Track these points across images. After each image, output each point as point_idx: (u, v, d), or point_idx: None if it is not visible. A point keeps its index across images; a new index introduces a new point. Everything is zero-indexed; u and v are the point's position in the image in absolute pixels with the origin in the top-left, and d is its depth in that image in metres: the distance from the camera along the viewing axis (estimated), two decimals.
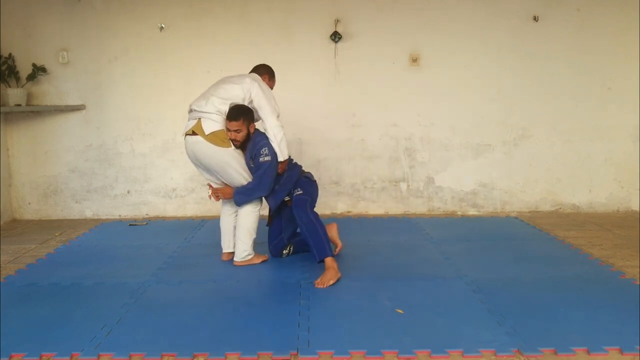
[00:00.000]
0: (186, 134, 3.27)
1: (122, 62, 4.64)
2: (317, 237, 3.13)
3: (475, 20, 4.60)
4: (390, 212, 4.83)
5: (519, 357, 2.22)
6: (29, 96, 4.60)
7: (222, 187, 3.37)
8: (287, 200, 3.40)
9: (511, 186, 4.80)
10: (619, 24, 4.58)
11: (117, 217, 4.80)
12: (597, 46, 4.61)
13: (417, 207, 4.83)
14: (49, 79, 4.64)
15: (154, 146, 4.75)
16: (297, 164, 3.54)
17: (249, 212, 3.34)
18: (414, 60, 4.64)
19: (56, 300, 2.87)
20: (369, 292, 2.92)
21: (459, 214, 4.81)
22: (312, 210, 3.26)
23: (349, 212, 4.84)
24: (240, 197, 3.30)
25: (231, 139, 3.20)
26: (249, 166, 3.28)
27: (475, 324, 2.50)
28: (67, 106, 4.64)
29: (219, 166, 3.23)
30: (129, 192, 4.80)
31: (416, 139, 4.75)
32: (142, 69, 4.64)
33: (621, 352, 2.25)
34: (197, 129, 3.19)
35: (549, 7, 4.58)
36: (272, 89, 3.53)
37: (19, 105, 4.45)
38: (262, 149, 3.21)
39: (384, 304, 2.75)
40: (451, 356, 2.24)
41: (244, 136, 3.22)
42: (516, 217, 4.63)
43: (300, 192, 3.32)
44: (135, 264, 3.48)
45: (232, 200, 3.38)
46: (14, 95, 4.44)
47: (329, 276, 3.02)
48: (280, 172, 3.33)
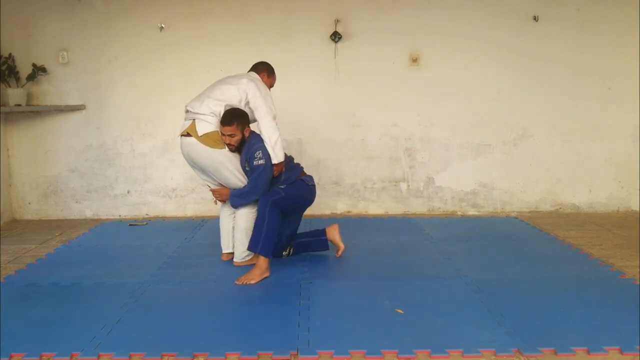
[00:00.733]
0: (181, 135, 3.27)
1: (122, 62, 4.64)
2: (258, 230, 3.14)
3: (475, 20, 4.60)
4: (390, 212, 4.83)
5: (519, 357, 2.22)
6: (29, 96, 4.60)
7: (219, 188, 3.37)
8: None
9: (511, 186, 4.80)
10: (619, 24, 4.58)
11: (117, 217, 4.80)
12: (597, 46, 4.61)
13: (417, 207, 4.83)
14: (49, 79, 4.64)
15: (154, 146, 4.75)
16: (297, 165, 3.52)
17: (246, 213, 3.34)
18: (414, 60, 4.64)
19: (56, 300, 2.87)
20: (369, 292, 2.92)
21: (459, 214, 4.81)
22: (276, 206, 3.17)
23: (349, 212, 4.84)
24: (235, 200, 3.30)
25: (226, 144, 3.20)
26: (244, 169, 3.28)
27: (475, 324, 2.50)
28: (67, 106, 4.64)
29: (213, 167, 3.24)
30: (129, 192, 4.80)
31: (416, 139, 4.75)
32: (142, 69, 4.64)
33: (621, 352, 2.25)
34: (191, 130, 3.19)
35: (549, 7, 4.58)
36: (272, 86, 3.53)
37: (19, 105, 4.45)
38: (256, 152, 3.18)
39: (384, 304, 2.75)
40: (451, 356, 2.24)
41: (238, 140, 3.20)
42: (516, 217, 4.63)
43: (283, 186, 3.28)
44: (135, 264, 3.48)
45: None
46: (14, 95, 4.44)
47: (251, 275, 3.10)
48: (276, 175, 3.31)
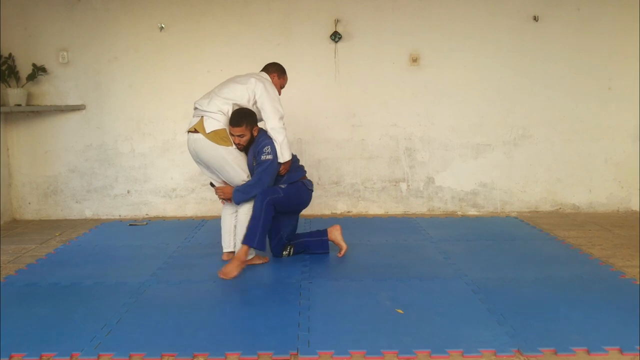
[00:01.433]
0: (188, 131, 3.29)
1: (122, 62, 4.64)
2: (253, 225, 3.18)
3: (475, 20, 4.60)
4: (390, 212, 4.83)
5: (519, 357, 2.22)
6: (29, 96, 4.60)
7: (222, 186, 3.38)
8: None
9: (511, 186, 4.80)
10: (619, 24, 4.58)
11: (117, 217, 4.80)
12: (597, 46, 4.61)
13: (417, 207, 4.83)
14: (49, 79, 4.64)
15: (154, 146, 4.75)
16: (301, 167, 3.55)
17: (248, 210, 3.34)
18: (414, 60, 4.64)
19: (56, 300, 2.87)
20: (369, 292, 2.92)
21: (459, 214, 4.81)
22: (272, 204, 3.20)
23: (349, 212, 4.84)
24: (238, 195, 3.31)
25: (235, 144, 3.24)
26: (251, 166, 3.29)
27: (475, 324, 2.50)
28: (67, 106, 4.64)
29: (219, 164, 3.26)
30: (129, 192, 4.80)
31: (416, 138, 4.75)
32: (142, 69, 4.64)
33: (621, 352, 2.25)
34: (199, 127, 3.23)
35: (549, 7, 4.58)
36: (283, 87, 3.60)
37: (19, 105, 4.46)
38: (264, 147, 3.24)
39: (384, 304, 2.75)
40: (451, 356, 2.24)
41: (247, 140, 3.26)
42: (516, 217, 4.63)
43: (283, 186, 3.32)
44: (135, 264, 3.48)
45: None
46: (14, 95, 4.44)
47: (230, 268, 3.14)
48: (282, 173, 3.34)
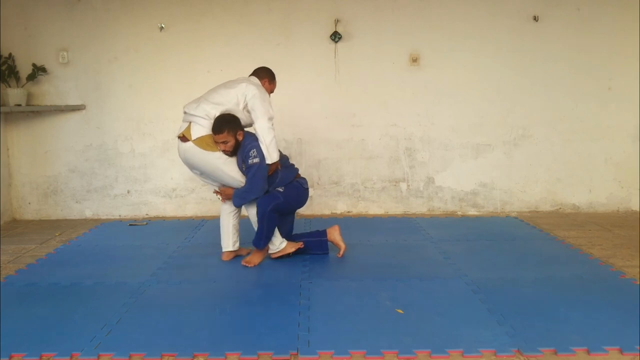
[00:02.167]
0: (178, 137, 3.29)
1: (122, 62, 4.64)
2: (259, 228, 3.34)
3: (475, 20, 4.60)
4: (390, 212, 4.83)
5: (519, 357, 2.22)
6: (29, 96, 4.60)
7: (223, 188, 3.39)
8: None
9: (511, 186, 4.80)
10: (619, 24, 4.58)
11: (117, 217, 4.80)
12: (597, 46, 4.61)
13: (417, 207, 4.83)
14: (49, 79, 4.64)
15: (154, 146, 4.75)
16: (293, 166, 3.56)
17: (253, 208, 3.38)
18: (414, 60, 4.64)
19: (56, 300, 2.87)
20: (369, 292, 2.92)
21: (459, 214, 4.81)
22: (275, 209, 3.28)
23: (349, 212, 4.84)
24: (237, 200, 3.34)
25: (222, 150, 3.21)
26: (241, 169, 3.29)
27: (475, 324, 2.50)
28: (67, 106, 4.64)
29: (210, 170, 3.27)
30: (129, 192, 4.80)
31: (416, 138, 4.75)
32: (142, 69, 4.64)
33: (621, 352, 2.25)
34: (187, 133, 3.22)
35: (549, 7, 4.58)
36: (272, 92, 3.55)
37: (19, 105, 4.46)
38: (250, 151, 3.22)
39: (384, 304, 2.75)
40: (451, 356, 2.24)
41: (232, 145, 3.22)
42: (516, 217, 4.63)
43: (281, 189, 3.37)
44: (135, 264, 3.48)
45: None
46: (14, 95, 4.44)
47: (250, 259, 3.38)
48: (270, 173, 3.32)
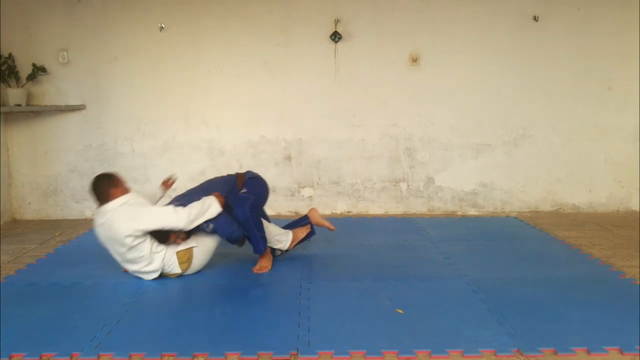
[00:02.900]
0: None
1: (122, 62, 4.64)
2: (252, 234, 3.26)
3: (475, 20, 4.60)
4: (390, 212, 4.83)
5: (519, 357, 2.22)
6: (29, 96, 4.60)
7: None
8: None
9: (511, 186, 4.80)
10: (619, 24, 4.58)
11: None
12: (597, 46, 4.61)
13: (417, 207, 4.83)
14: (49, 79, 4.64)
15: (154, 146, 4.75)
16: (228, 181, 3.43)
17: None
18: (414, 60, 4.64)
19: (56, 300, 2.87)
20: (369, 292, 2.92)
21: (459, 214, 4.81)
22: (252, 208, 3.24)
23: (349, 212, 4.84)
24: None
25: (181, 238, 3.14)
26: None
27: (475, 324, 2.50)
28: (67, 106, 4.64)
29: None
30: None
31: (416, 138, 4.75)
32: (142, 69, 4.64)
33: (621, 352, 2.25)
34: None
35: (549, 7, 4.58)
36: (125, 189, 3.12)
37: (19, 105, 4.45)
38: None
39: (384, 304, 2.75)
40: (451, 356, 2.24)
41: (183, 234, 3.14)
42: (516, 217, 4.63)
43: (244, 190, 3.35)
44: None
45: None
46: (14, 95, 4.44)
47: (260, 265, 3.30)
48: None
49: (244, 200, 3.26)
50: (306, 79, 4.65)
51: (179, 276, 3.16)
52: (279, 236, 3.46)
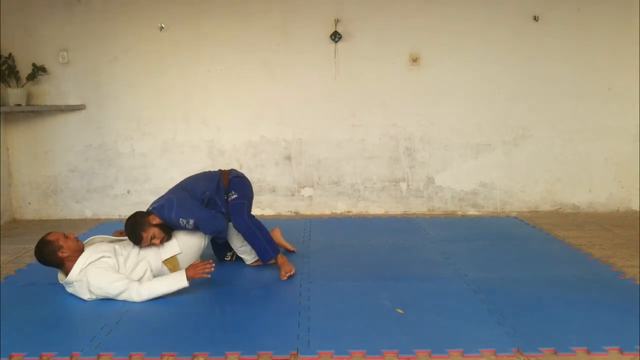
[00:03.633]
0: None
1: (122, 62, 4.64)
2: (257, 241, 3.16)
3: (475, 20, 4.60)
4: (390, 212, 4.83)
5: (519, 357, 2.22)
6: (29, 96, 4.60)
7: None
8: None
9: (511, 186, 4.80)
10: (619, 24, 4.58)
11: (117, 217, 4.79)
12: (597, 46, 4.61)
13: (417, 207, 4.82)
14: (49, 79, 4.64)
15: (154, 146, 4.75)
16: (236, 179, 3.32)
17: (234, 234, 3.29)
18: (414, 60, 4.63)
19: (56, 299, 2.87)
20: (369, 292, 2.92)
21: (459, 213, 4.81)
22: (249, 214, 3.19)
23: (349, 212, 4.84)
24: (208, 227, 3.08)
25: (159, 240, 3.01)
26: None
27: (475, 324, 2.50)
28: (67, 106, 4.64)
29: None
30: (129, 192, 4.80)
31: (416, 138, 4.75)
32: (142, 69, 4.64)
33: (621, 352, 2.25)
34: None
35: (549, 7, 4.57)
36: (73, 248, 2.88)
37: (19, 105, 4.45)
38: (179, 221, 3.00)
39: (384, 304, 2.75)
40: (451, 356, 2.24)
41: (160, 232, 3.00)
42: (516, 217, 4.63)
43: (235, 195, 3.20)
44: None
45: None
46: (14, 95, 4.44)
47: (285, 270, 3.13)
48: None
49: (239, 207, 3.16)
50: (306, 79, 4.65)
51: None
52: (244, 247, 3.30)
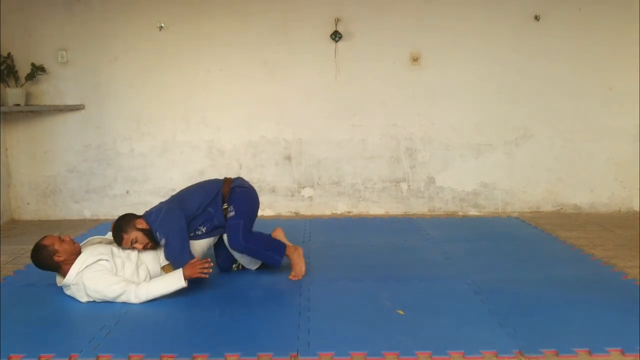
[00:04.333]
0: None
1: (122, 62, 4.63)
2: (260, 255, 3.11)
3: (476, 19, 4.59)
4: (390, 213, 4.82)
5: (520, 358, 2.21)
6: (28, 96, 4.59)
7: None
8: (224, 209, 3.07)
9: (512, 186, 4.78)
10: (620, 24, 4.57)
11: (116, 218, 4.77)
12: (598, 46, 4.60)
13: (418, 207, 4.81)
14: (48, 79, 4.63)
15: (153, 146, 4.74)
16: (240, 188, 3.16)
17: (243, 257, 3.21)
18: (415, 59, 4.62)
19: (55, 300, 2.85)
20: (370, 292, 2.91)
21: (460, 214, 4.80)
22: (246, 233, 3.02)
23: (349, 212, 4.83)
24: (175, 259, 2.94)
25: (142, 246, 2.95)
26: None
27: (476, 325, 2.49)
28: (66, 106, 4.63)
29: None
30: (128, 192, 4.79)
31: (417, 138, 4.74)
32: (142, 69, 4.63)
33: (622, 353, 2.23)
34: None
35: (550, 7, 4.56)
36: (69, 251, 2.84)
37: (18, 105, 4.44)
38: (157, 235, 2.93)
39: (385, 304, 2.74)
40: (452, 357, 2.23)
41: (143, 237, 2.93)
42: (517, 218, 4.62)
43: (232, 213, 3.03)
44: None
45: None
46: (13, 95, 4.43)
47: (298, 269, 3.12)
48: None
49: (234, 228, 3.00)
50: (306, 79, 4.64)
51: None
52: (244, 258, 3.21)
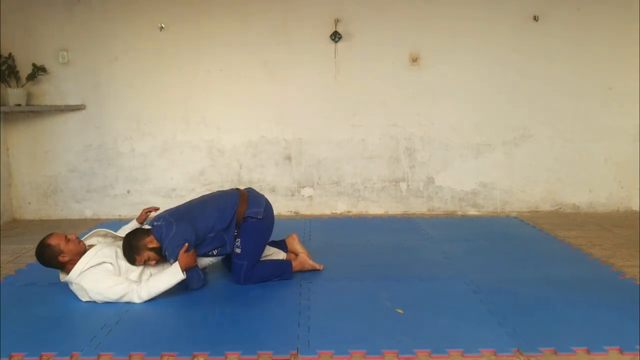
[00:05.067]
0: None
1: (122, 62, 4.64)
2: (268, 280, 3.07)
3: (475, 19, 4.59)
4: (390, 212, 4.83)
5: (519, 357, 2.22)
6: (29, 96, 4.60)
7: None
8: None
9: (511, 186, 4.79)
10: (619, 24, 4.58)
11: (117, 217, 4.79)
12: (597, 46, 4.61)
13: (417, 207, 4.82)
14: (48, 79, 4.64)
15: (153, 146, 4.75)
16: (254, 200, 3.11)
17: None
18: (414, 59, 4.63)
19: (56, 299, 2.87)
20: (369, 292, 2.92)
21: (459, 214, 4.81)
22: (247, 275, 3.01)
23: (349, 212, 4.84)
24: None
25: (153, 261, 2.92)
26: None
27: (475, 324, 2.50)
28: (67, 106, 4.64)
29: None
30: (128, 192, 4.80)
31: (416, 138, 4.75)
32: (142, 69, 4.64)
33: (621, 351, 2.25)
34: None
35: (549, 7, 4.57)
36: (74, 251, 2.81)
37: (19, 105, 4.45)
38: (165, 253, 2.87)
39: (384, 304, 2.75)
40: (451, 356, 2.24)
41: (154, 256, 2.90)
42: (516, 217, 4.63)
43: (238, 250, 3.00)
44: None
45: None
46: (14, 95, 4.44)
47: (310, 268, 3.23)
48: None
49: (237, 268, 3.00)
50: (306, 79, 4.65)
51: None
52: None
